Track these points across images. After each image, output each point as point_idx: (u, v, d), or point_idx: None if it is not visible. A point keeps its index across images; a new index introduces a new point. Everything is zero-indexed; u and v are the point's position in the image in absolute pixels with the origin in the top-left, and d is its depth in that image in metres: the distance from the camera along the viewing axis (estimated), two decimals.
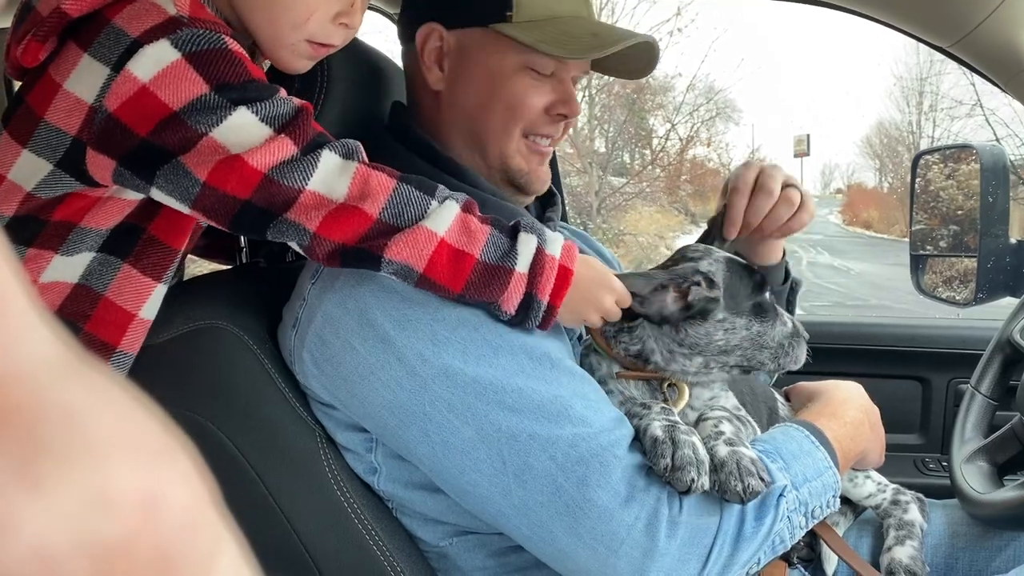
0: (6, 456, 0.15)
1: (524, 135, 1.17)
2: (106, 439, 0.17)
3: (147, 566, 0.16)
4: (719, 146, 22.60)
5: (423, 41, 1.17)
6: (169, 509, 0.17)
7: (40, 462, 0.15)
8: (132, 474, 0.17)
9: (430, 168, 1.13)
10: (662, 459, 0.91)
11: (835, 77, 77.59)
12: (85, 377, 0.17)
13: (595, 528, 0.93)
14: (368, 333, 0.98)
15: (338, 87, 1.16)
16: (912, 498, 1.23)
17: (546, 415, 0.95)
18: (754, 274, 1.09)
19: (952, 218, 1.94)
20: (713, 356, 1.06)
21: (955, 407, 1.73)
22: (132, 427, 0.17)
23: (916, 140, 30.61)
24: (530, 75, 1.14)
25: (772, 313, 1.09)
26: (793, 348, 1.10)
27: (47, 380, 0.16)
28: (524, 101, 1.14)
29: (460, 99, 1.17)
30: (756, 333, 1.07)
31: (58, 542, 0.15)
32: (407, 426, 0.98)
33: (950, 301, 1.82)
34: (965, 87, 22.69)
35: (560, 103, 1.16)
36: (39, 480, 0.15)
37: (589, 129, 18.99)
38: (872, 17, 1.56)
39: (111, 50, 0.86)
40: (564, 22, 1.12)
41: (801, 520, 1.02)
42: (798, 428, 1.09)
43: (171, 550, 0.17)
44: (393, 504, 1.10)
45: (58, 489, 0.15)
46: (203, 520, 0.18)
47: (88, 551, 0.15)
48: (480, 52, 1.15)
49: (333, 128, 1.17)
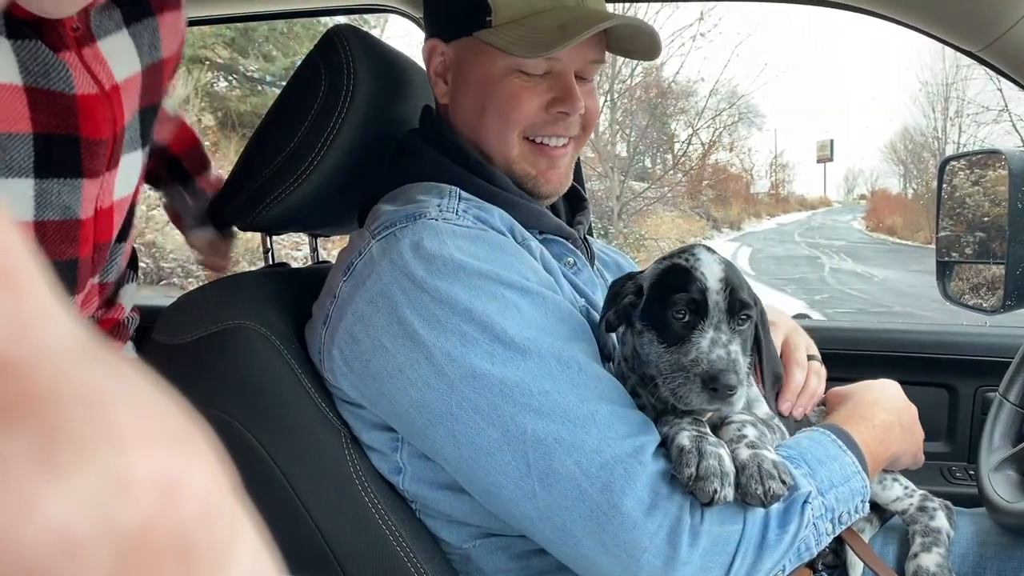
0: (28, 442, 0.15)
1: (526, 138, 1.17)
2: (126, 425, 0.17)
3: (166, 550, 0.16)
4: (741, 151, 22.54)
5: (428, 57, 1.21)
6: (188, 494, 0.17)
7: (61, 448, 0.16)
8: (152, 460, 0.17)
9: (460, 170, 1.14)
10: (687, 468, 0.91)
11: (860, 82, 76.92)
12: (105, 363, 0.17)
13: (618, 535, 0.92)
14: (398, 331, 0.98)
15: (362, 90, 1.17)
16: (940, 505, 1.21)
17: (572, 419, 0.94)
18: (676, 292, 0.98)
19: (978, 224, 1.92)
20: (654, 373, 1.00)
21: (982, 415, 1.71)
22: (152, 413, 0.18)
23: (942, 146, 30.35)
24: (520, 77, 1.14)
25: (688, 341, 0.96)
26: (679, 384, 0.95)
27: (67, 366, 0.16)
28: (516, 104, 1.14)
29: (461, 110, 1.19)
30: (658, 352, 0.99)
31: (79, 526, 0.15)
32: (434, 426, 0.98)
33: (977, 308, 1.80)
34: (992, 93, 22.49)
35: (558, 101, 1.15)
36: (60, 466, 0.15)
37: (611, 134, 18.96)
38: (900, 21, 1.55)
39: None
40: (542, 17, 1.12)
41: (828, 527, 1.01)
42: (824, 432, 1.08)
43: (190, 534, 0.17)
44: (417, 505, 1.11)
45: (79, 474, 0.15)
46: (222, 506, 0.18)
47: (108, 535, 0.15)
48: (472, 62, 1.16)
49: (358, 129, 1.18)
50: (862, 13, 1.57)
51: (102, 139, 0.98)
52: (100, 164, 0.98)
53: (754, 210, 32.80)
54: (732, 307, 0.97)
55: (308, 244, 1.58)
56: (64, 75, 0.92)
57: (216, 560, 0.18)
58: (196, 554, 0.17)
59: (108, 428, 0.16)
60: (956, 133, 30.16)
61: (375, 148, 1.24)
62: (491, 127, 1.16)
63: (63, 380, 0.16)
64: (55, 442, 0.16)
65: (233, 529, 0.19)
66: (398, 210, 1.07)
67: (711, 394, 0.93)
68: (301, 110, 1.16)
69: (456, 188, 1.11)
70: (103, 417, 0.16)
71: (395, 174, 1.18)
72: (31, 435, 0.15)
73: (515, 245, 1.07)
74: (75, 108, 0.93)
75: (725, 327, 0.96)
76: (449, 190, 1.10)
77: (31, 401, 0.16)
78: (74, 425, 0.16)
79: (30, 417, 0.15)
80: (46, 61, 0.90)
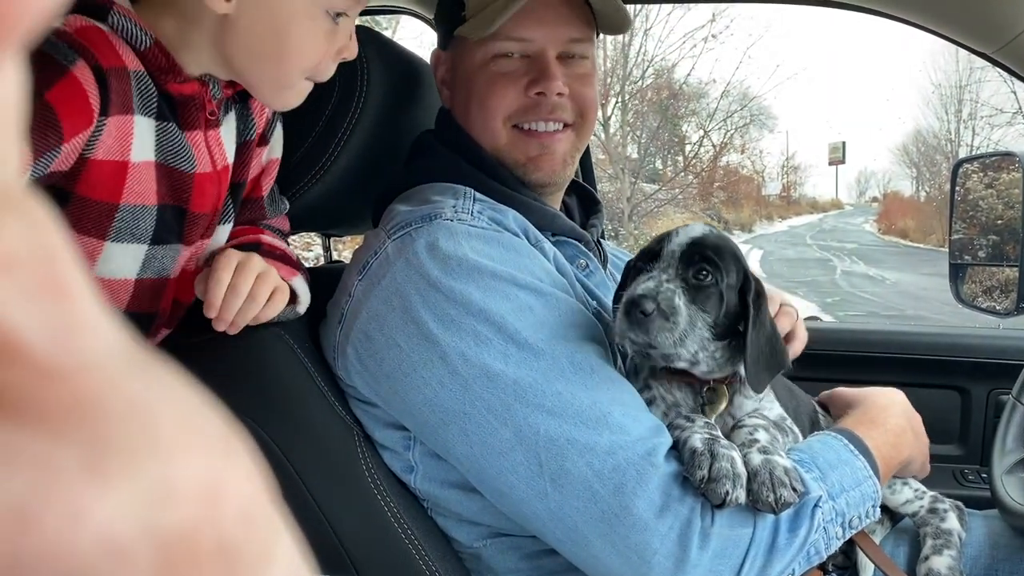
0: (76, 448, 0.16)
1: (514, 126, 1.16)
2: (170, 432, 0.17)
3: (208, 555, 0.17)
4: (753, 153, 22.47)
5: (434, 67, 1.24)
6: (230, 501, 0.17)
7: (108, 454, 0.16)
8: (195, 467, 0.17)
9: (474, 171, 1.14)
10: (699, 471, 0.91)
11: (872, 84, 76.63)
12: (149, 370, 0.18)
13: (629, 537, 0.93)
14: (412, 331, 0.99)
15: (376, 92, 1.17)
16: (951, 506, 1.20)
17: (584, 421, 0.95)
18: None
19: (992, 227, 1.91)
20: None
21: (995, 418, 1.70)
22: (195, 421, 0.18)
23: (955, 148, 30.19)
24: (496, 64, 1.14)
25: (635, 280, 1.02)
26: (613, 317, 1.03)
27: (113, 374, 0.17)
28: (493, 91, 1.15)
29: (459, 112, 1.20)
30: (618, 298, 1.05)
31: (124, 531, 0.15)
32: (447, 425, 0.98)
33: (990, 311, 1.79)
34: (1006, 95, 22.35)
35: (534, 82, 1.14)
36: (107, 472, 0.16)
37: (622, 135, 18.95)
38: (914, 23, 1.54)
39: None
40: None
41: (838, 531, 1.01)
42: (836, 437, 1.08)
43: (231, 540, 0.17)
44: (429, 504, 1.11)
45: (125, 481, 0.16)
46: (262, 513, 0.19)
47: (153, 540, 0.16)
48: (460, 60, 1.18)
49: (372, 130, 1.19)
50: (877, 15, 1.57)
51: (205, 213, 1.04)
52: (197, 234, 1.05)
53: (765, 212, 32.69)
54: (690, 259, 0.99)
55: (320, 244, 1.59)
56: (190, 155, 0.99)
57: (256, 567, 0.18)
58: (237, 559, 0.17)
59: (153, 435, 0.17)
60: (969, 135, 30.03)
61: (388, 149, 1.25)
62: (476, 118, 1.17)
63: (110, 387, 0.16)
64: (103, 449, 0.16)
65: (272, 535, 0.19)
66: (413, 210, 1.08)
67: (628, 320, 0.96)
68: (315, 111, 1.17)
69: (470, 189, 1.11)
70: (149, 424, 0.17)
71: (410, 174, 1.19)
72: (79, 442, 0.16)
73: (529, 246, 1.08)
74: (191, 185, 1.00)
75: (672, 272, 0.98)
76: (464, 191, 1.11)
77: (79, 408, 0.16)
78: (120, 432, 0.16)
79: (78, 424, 0.16)
80: (179, 142, 0.97)
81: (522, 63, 1.15)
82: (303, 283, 1.09)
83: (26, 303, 0.16)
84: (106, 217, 0.93)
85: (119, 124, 0.89)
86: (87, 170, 0.89)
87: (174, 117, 0.97)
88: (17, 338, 0.16)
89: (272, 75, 0.99)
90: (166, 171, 0.97)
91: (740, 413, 1.07)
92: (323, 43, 0.98)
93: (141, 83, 0.91)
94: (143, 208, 0.96)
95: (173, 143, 0.96)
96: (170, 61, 0.94)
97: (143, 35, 0.91)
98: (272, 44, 0.96)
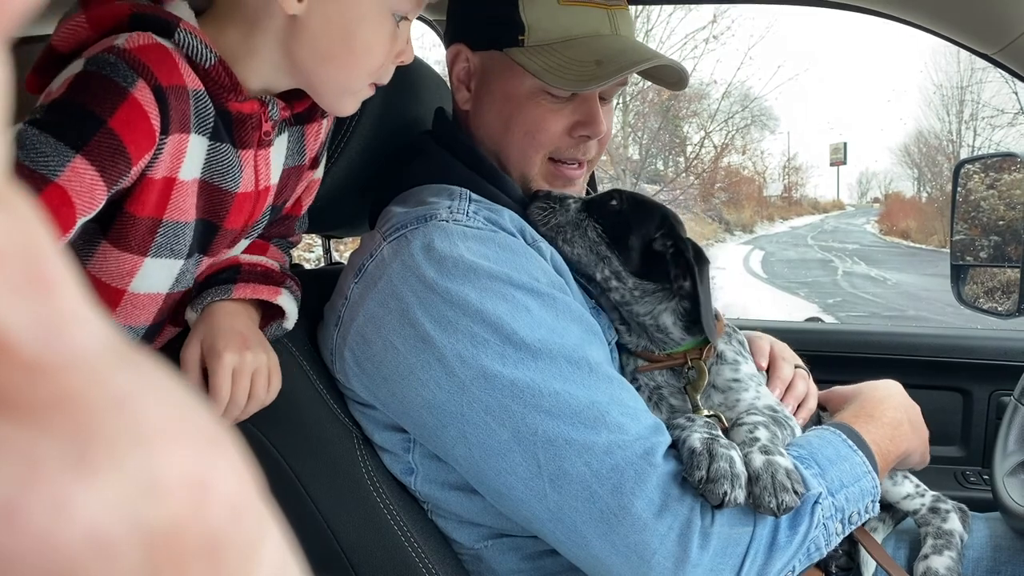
0: (61, 443, 0.15)
1: (550, 159, 1.17)
2: (157, 426, 0.17)
3: (195, 549, 0.17)
4: (754, 154, 22.48)
5: (452, 61, 1.21)
6: (217, 495, 0.17)
7: (93, 449, 0.16)
8: (182, 460, 0.17)
9: (471, 174, 1.14)
10: (697, 471, 0.91)
11: (874, 85, 76.69)
12: (135, 365, 0.18)
13: (628, 536, 0.92)
14: (409, 332, 0.99)
15: (376, 93, 1.17)
16: (953, 508, 1.20)
17: (582, 420, 0.95)
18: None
19: (993, 228, 1.91)
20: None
21: (997, 420, 1.70)
22: (181, 415, 0.18)
23: (956, 149, 30.22)
24: (547, 99, 1.13)
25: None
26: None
27: (99, 367, 0.17)
28: (542, 126, 1.14)
29: (484, 120, 1.19)
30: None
31: (111, 526, 0.15)
32: (445, 427, 0.98)
33: (992, 312, 1.79)
34: (1007, 96, 22.36)
35: (581, 124, 1.15)
36: (93, 466, 0.16)
37: (623, 136, 18.97)
38: (915, 23, 1.54)
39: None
40: (576, 45, 1.11)
41: (838, 527, 1.01)
42: (834, 432, 1.08)
43: (218, 534, 0.17)
44: (428, 505, 1.11)
45: (111, 475, 0.16)
46: (249, 507, 0.18)
47: (139, 534, 0.16)
48: (499, 76, 1.16)
49: (371, 132, 1.19)
50: (878, 16, 1.57)
51: (235, 229, 1.03)
52: (222, 247, 1.05)
53: (767, 213, 32.72)
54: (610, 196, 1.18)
55: (321, 245, 1.59)
56: (235, 175, 0.98)
57: (243, 561, 0.18)
58: (224, 554, 0.17)
59: (139, 429, 0.17)
60: (971, 136, 30.04)
61: (389, 150, 1.24)
62: (515, 144, 1.16)
63: (95, 381, 0.16)
64: (87, 443, 0.16)
65: (260, 530, 0.19)
66: (409, 212, 1.08)
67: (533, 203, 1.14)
68: None
69: (466, 190, 1.11)
70: (134, 418, 0.17)
71: (406, 176, 1.19)
72: (64, 436, 0.16)
73: (525, 246, 1.07)
74: (230, 203, 0.99)
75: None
76: (459, 192, 1.11)
77: (63, 402, 0.16)
78: (106, 426, 0.16)
79: (63, 418, 0.16)
80: (227, 162, 0.96)
81: (569, 102, 1.15)
82: (289, 298, 1.07)
83: (11, 297, 0.16)
84: (150, 233, 0.93)
85: (176, 142, 0.88)
86: (142, 187, 0.89)
87: (229, 135, 0.96)
88: (2, 332, 0.15)
89: (339, 77, 0.99)
90: (209, 188, 0.96)
91: (720, 380, 1.10)
92: (388, 44, 0.98)
93: (200, 102, 0.90)
94: (184, 224, 0.95)
95: (222, 163, 0.96)
96: (232, 80, 0.93)
97: (208, 52, 0.90)
98: (341, 45, 0.96)
